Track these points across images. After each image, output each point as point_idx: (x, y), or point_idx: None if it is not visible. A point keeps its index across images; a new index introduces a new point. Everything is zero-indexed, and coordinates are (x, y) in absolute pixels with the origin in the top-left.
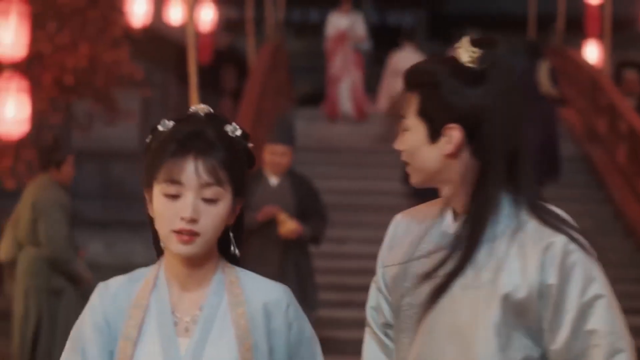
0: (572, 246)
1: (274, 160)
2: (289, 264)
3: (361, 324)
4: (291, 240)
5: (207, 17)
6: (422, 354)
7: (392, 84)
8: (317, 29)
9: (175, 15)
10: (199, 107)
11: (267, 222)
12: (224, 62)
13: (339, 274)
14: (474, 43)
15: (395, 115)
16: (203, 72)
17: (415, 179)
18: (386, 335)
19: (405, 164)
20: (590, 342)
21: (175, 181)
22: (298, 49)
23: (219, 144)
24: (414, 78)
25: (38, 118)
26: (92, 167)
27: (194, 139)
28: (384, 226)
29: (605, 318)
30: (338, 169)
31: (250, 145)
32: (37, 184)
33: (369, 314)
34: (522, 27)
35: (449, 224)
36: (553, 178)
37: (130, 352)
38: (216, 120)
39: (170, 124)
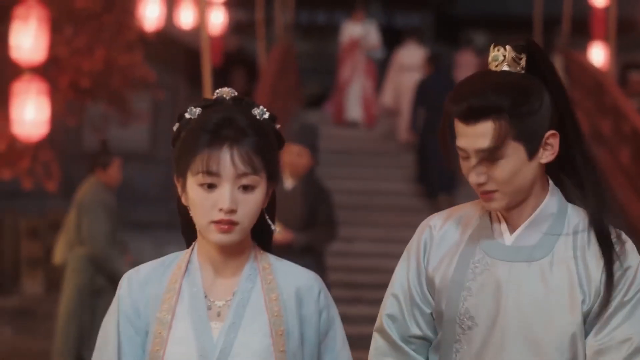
0: (626, 247)
1: (290, 160)
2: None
3: (370, 319)
4: (291, 249)
5: (218, 20)
6: (487, 356)
7: (397, 78)
8: (324, 31)
9: (186, 18)
10: (224, 91)
11: None
12: (233, 64)
13: (348, 271)
14: (516, 49)
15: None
16: (213, 74)
17: (503, 203)
18: (406, 342)
19: (492, 192)
20: (622, 336)
21: (211, 172)
22: (305, 51)
23: (251, 131)
24: (492, 107)
25: (54, 120)
26: (80, 168)
27: (227, 127)
28: (392, 226)
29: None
30: (347, 169)
31: (278, 126)
32: (85, 186)
33: (385, 322)
34: (529, 28)
35: (505, 236)
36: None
37: (165, 335)
38: (244, 105)
39: (198, 110)
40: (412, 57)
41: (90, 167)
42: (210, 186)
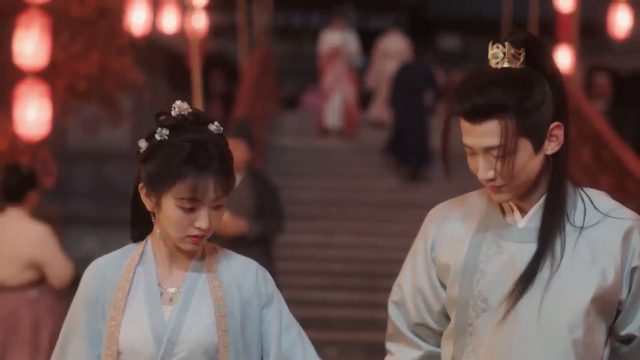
0: (635, 224)
1: None
2: None
3: (347, 304)
4: (243, 240)
5: (199, 23)
6: (505, 344)
7: (379, 64)
8: (300, 32)
9: (168, 23)
10: (182, 107)
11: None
12: (213, 66)
13: (327, 261)
14: (515, 43)
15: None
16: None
17: (510, 196)
18: (414, 333)
19: (498, 187)
20: None
21: (196, 199)
22: (282, 52)
23: (221, 157)
24: (497, 106)
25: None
26: (86, 167)
27: (202, 156)
28: (368, 219)
29: None
30: (325, 167)
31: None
32: None
33: (392, 311)
34: (499, 30)
35: (517, 219)
36: None
37: (119, 319)
38: (203, 121)
39: (165, 131)
40: (395, 45)
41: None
42: (191, 209)
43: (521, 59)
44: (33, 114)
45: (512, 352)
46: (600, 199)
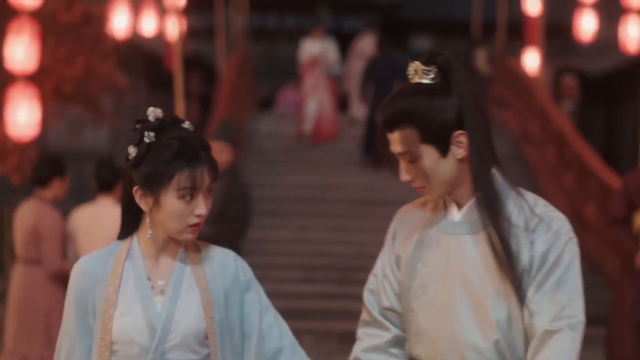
0: (557, 223)
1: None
2: None
3: (321, 296)
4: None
5: (177, 26)
6: (440, 324)
7: (355, 65)
8: (275, 34)
9: (147, 26)
10: (156, 112)
11: None
12: (190, 68)
13: (303, 255)
14: (426, 63)
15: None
16: (171, 78)
17: (436, 194)
18: (384, 317)
19: (421, 187)
20: (564, 299)
21: (193, 187)
22: (257, 53)
23: (204, 149)
24: (400, 117)
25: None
26: (67, 167)
27: (189, 150)
28: (342, 216)
29: (575, 282)
30: (301, 166)
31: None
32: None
33: (366, 298)
34: (469, 31)
35: (455, 215)
36: None
37: (112, 311)
38: (176, 122)
39: (152, 134)
40: (369, 46)
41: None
42: (191, 197)
43: (432, 75)
44: (24, 116)
45: (446, 331)
46: (536, 201)
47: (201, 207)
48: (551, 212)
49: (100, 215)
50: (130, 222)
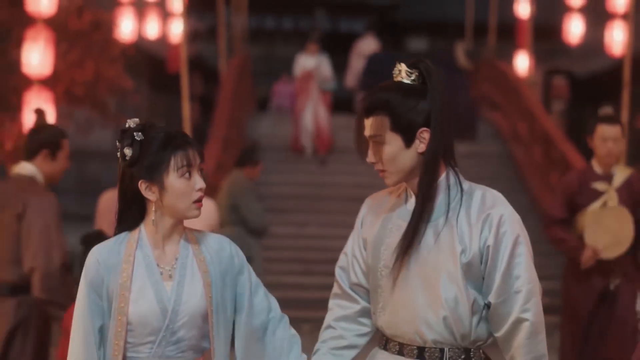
0: (504, 217)
1: None
2: None
3: (319, 287)
4: None
5: (178, 29)
6: (399, 300)
7: (357, 64)
8: (273, 35)
9: (151, 29)
10: (135, 121)
11: None
12: (191, 69)
13: (302, 250)
14: (410, 66)
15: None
16: (173, 79)
17: (393, 180)
18: (353, 290)
19: (381, 171)
20: (514, 287)
21: (189, 165)
22: (256, 54)
23: (185, 134)
24: (377, 105)
25: None
26: (70, 165)
27: (178, 137)
28: (338, 213)
29: (526, 271)
30: (299, 164)
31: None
32: (234, 178)
33: (337, 273)
34: (463, 33)
35: (412, 205)
36: (470, 137)
37: (128, 295)
38: (153, 125)
39: (140, 134)
40: (368, 47)
41: (240, 162)
42: (188, 176)
43: (413, 77)
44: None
45: (405, 306)
46: (487, 197)
47: (199, 182)
48: (498, 209)
49: None
50: (134, 215)
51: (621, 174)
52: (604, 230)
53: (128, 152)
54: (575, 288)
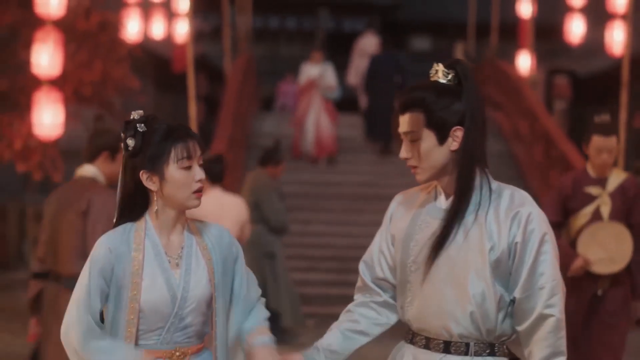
0: (532, 216)
1: None
2: None
3: (323, 283)
4: None
5: (183, 30)
6: (428, 294)
7: (358, 62)
8: (276, 35)
9: (157, 30)
10: (138, 113)
11: None
12: (196, 69)
13: (306, 247)
14: (447, 66)
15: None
16: (178, 79)
17: (425, 176)
18: (376, 285)
19: (413, 167)
20: (539, 284)
21: (189, 156)
22: (258, 54)
23: (187, 126)
24: (413, 103)
25: None
26: (75, 165)
27: (179, 130)
28: (341, 211)
29: (551, 268)
30: (303, 163)
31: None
32: (256, 177)
33: (361, 268)
34: (465, 32)
35: (442, 202)
36: None
37: (139, 282)
38: (156, 118)
39: (143, 125)
40: (369, 45)
41: (264, 160)
42: (188, 167)
43: (449, 77)
44: (49, 118)
45: (433, 301)
46: (512, 193)
47: (199, 173)
48: (527, 207)
49: (221, 202)
50: (137, 206)
51: (616, 178)
52: (598, 244)
53: (130, 142)
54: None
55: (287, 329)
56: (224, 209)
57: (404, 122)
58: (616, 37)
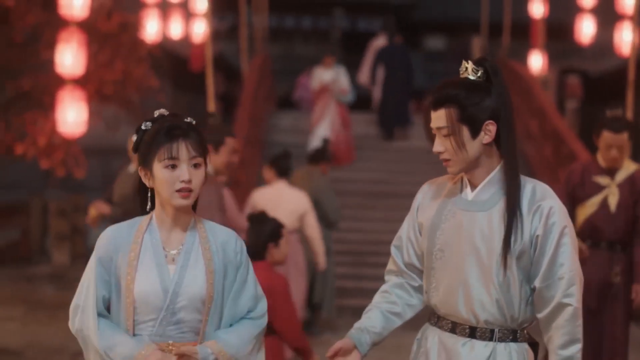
0: (554, 209)
1: (130, 146)
2: None
3: (340, 276)
4: (111, 218)
5: (200, 29)
6: (456, 281)
7: (371, 61)
8: (292, 35)
9: (175, 30)
10: (161, 111)
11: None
12: (213, 68)
13: (357, 243)
14: (476, 64)
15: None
16: (196, 78)
17: (457, 169)
18: (407, 269)
19: (446, 160)
20: (558, 274)
21: (173, 157)
22: (274, 53)
23: (192, 130)
24: (447, 99)
25: None
26: (95, 162)
27: (176, 129)
28: (355, 207)
29: (569, 260)
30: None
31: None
32: (312, 175)
33: (393, 252)
34: (479, 32)
35: (468, 194)
36: None
37: (134, 274)
38: (179, 115)
39: (149, 124)
40: (383, 44)
41: (315, 159)
42: (173, 166)
43: (479, 74)
44: (72, 116)
45: (461, 288)
46: (534, 186)
47: (184, 174)
48: (548, 201)
49: (281, 193)
50: (150, 201)
51: (625, 169)
52: None
53: (134, 138)
54: None
55: (327, 321)
56: (282, 201)
57: (437, 117)
58: (625, 38)
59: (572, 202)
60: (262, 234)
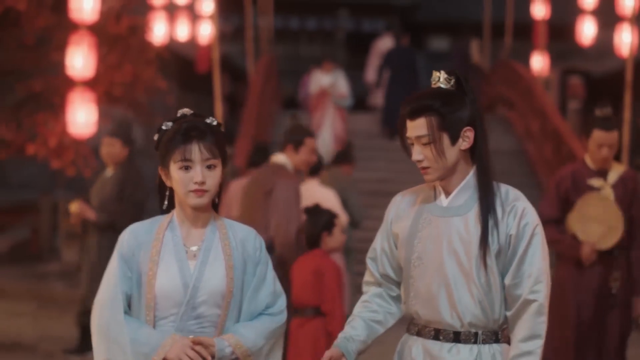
0: (526, 210)
1: (105, 150)
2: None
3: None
4: (97, 226)
5: (206, 31)
6: (436, 287)
7: (375, 62)
8: (296, 36)
9: (181, 32)
10: (185, 111)
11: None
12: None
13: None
14: (448, 74)
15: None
16: (201, 79)
17: (435, 176)
18: (384, 279)
19: (425, 168)
20: (527, 272)
21: (187, 159)
22: (279, 54)
23: (209, 132)
24: (424, 108)
25: None
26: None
27: (193, 130)
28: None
29: (538, 258)
30: (365, 162)
31: (223, 129)
32: (337, 175)
33: (369, 263)
34: (482, 32)
35: (443, 200)
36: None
37: (155, 269)
38: (200, 116)
39: (171, 123)
40: (387, 46)
41: (339, 160)
42: (187, 168)
43: (451, 83)
44: (82, 117)
45: (442, 293)
46: (507, 190)
47: (197, 176)
48: (521, 202)
49: (313, 192)
50: (164, 199)
51: (615, 170)
52: (591, 221)
53: (156, 137)
54: (571, 292)
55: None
56: (315, 199)
57: (416, 126)
58: (625, 39)
59: (564, 208)
60: (318, 224)
